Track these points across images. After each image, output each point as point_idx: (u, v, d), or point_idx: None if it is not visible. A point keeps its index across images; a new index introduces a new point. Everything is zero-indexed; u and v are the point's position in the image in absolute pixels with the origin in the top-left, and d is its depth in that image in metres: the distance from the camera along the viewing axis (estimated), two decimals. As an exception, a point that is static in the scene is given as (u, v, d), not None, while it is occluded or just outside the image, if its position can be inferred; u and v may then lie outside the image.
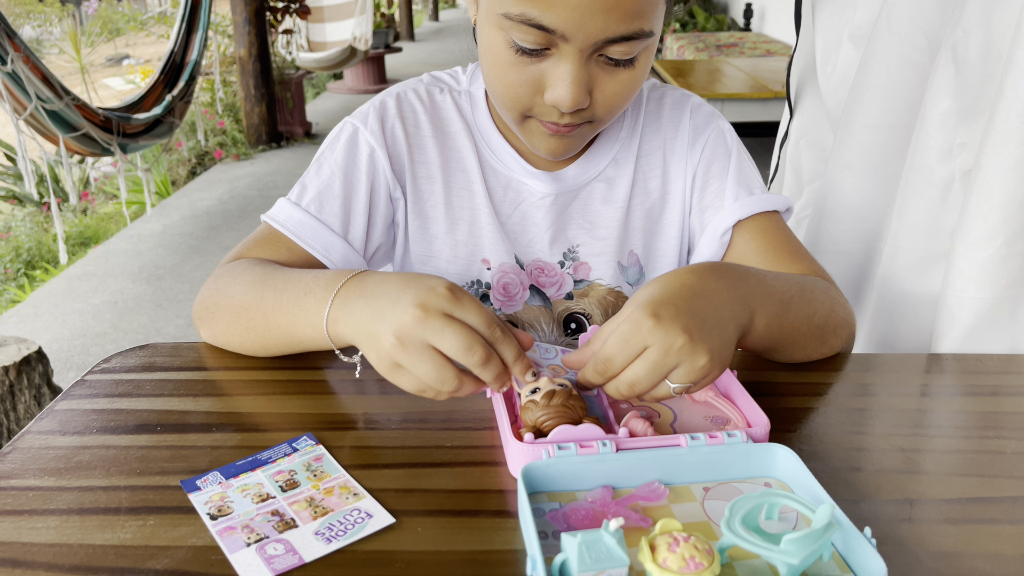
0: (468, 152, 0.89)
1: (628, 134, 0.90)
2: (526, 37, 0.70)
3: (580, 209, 0.89)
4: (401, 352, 0.60)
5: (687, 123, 0.90)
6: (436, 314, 0.60)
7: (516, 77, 0.74)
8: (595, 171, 0.89)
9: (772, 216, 0.87)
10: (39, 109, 3.02)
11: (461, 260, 0.89)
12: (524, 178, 0.88)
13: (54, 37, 10.53)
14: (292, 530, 0.55)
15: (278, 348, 0.76)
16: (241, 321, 0.76)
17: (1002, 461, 0.64)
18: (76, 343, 2.90)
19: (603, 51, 0.71)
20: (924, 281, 0.96)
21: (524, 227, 0.89)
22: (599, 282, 0.90)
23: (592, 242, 0.89)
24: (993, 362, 0.80)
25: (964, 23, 0.87)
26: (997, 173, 0.81)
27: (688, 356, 0.59)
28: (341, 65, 6.66)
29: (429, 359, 0.60)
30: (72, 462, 0.63)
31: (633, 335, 0.59)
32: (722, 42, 5.74)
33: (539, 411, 0.62)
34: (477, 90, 0.91)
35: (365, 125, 0.87)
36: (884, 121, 1.04)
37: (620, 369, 0.60)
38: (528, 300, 0.90)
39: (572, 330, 0.91)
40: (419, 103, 0.89)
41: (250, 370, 0.77)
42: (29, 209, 4.54)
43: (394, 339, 0.60)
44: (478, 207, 0.88)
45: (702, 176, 0.89)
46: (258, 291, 0.74)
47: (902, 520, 0.57)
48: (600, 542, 0.48)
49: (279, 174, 5.01)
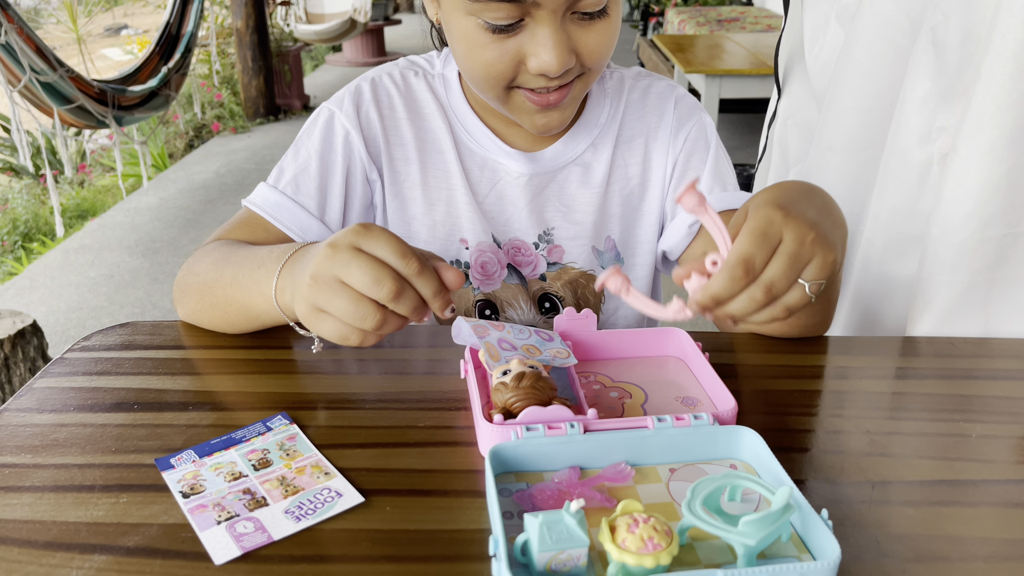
0: (443, 133, 0.89)
1: (608, 120, 0.90)
2: (498, 14, 0.71)
3: (556, 192, 0.90)
4: (316, 293, 0.60)
5: (671, 113, 0.91)
6: (344, 248, 0.59)
7: (494, 55, 0.74)
8: (572, 155, 0.89)
9: None
10: (33, 81, 3.00)
11: (439, 240, 0.90)
12: (500, 157, 0.89)
13: (51, 7, 10.44)
14: (262, 508, 0.56)
15: (240, 324, 0.77)
16: (205, 298, 0.78)
17: (966, 444, 0.65)
18: (72, 316, 2.92)
19: (575, 8, 0.72)
20: (902, 264, 0.97)
21: (501, 206, 0.90)
22: (572, 265, 0.91)
23: (568, 225, 0.90)
24: (966, 345, 0.81)
25: (944, 6, 0.87)
26: (972, 157, 0.81)
27: (820, 248, 0.58)
28: (340, 37, 6.61)
29: (343, 295, 0.59)
30: (49, 439, 0.64)
31: (769, 227, 0.57)
32: (723, 17, 5.69)
33: (509, 392, 0.62)
34: (451, 72, 0.91)
35: (341, 109, 0.88)
36: (866, 103, 1.04)
37: (761, 266, 0.57)
38: (506, 279, 0.91)
39: (546, 309, 0.93)
40: (393, 87, 0.90)
41: (228, 349, 0.78)
42: (26, 181, 4.53)
43: (309, 279, 0.60)
44: (454, 187, 0.89)
45: (682, 165, 0.90)
46: (219, 268, 0.76)
47: (862, 502, 0.58)
48: (561, 522, 0.49)
49: (276, 147, 4.99)
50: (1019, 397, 0.72)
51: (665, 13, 6.35)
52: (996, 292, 0.86)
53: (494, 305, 0.92)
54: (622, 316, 0.94)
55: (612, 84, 0.91)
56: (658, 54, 4.70)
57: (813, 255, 0.57)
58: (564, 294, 0.92)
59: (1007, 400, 0.71)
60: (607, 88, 0.91)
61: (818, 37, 1.19)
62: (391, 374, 0.74)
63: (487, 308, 0.92)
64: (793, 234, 0.57)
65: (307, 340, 0.75)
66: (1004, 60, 0.78)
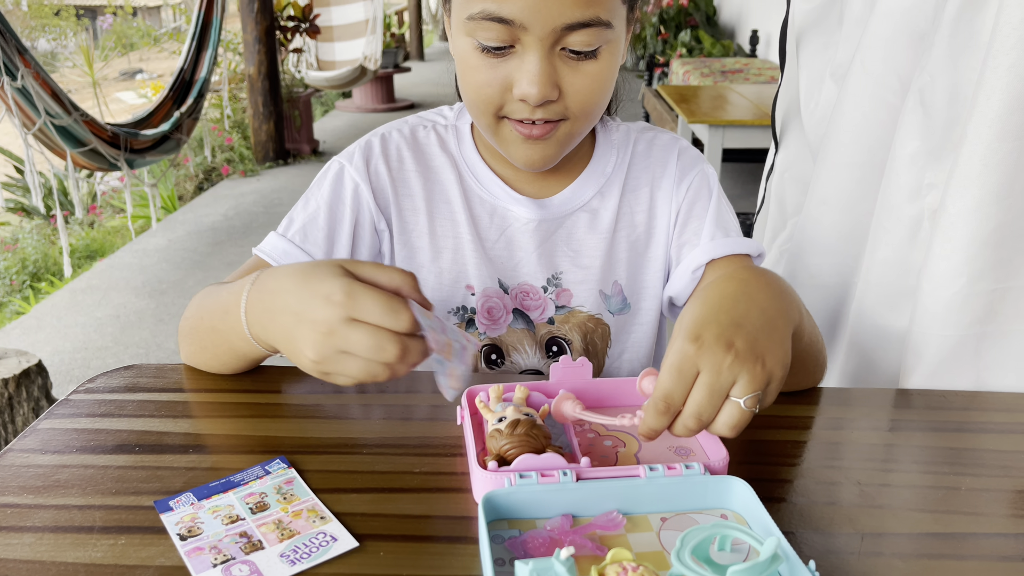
0: (452, 184, 0.92)
1: (614, 169, 0.94)
2: (488, 34, 0.75)
3: (565, 237, 0.93)
4: (324, 368, 0.64)
5: (674, 163, 0.94)
6: (339, 324, 0.61)
7: (484, 77, 0.78)
8: (580, 201, 0.92)
9: (744, 260, 0.90)
10: (48, 124, 3.07)
11: (446, 287, 0.93)
12: (509, 204, 0.92)
13: (68, 50, 10.66)
14: (258, 552, 0.57)
15: (232, 363, 0.80)
16: (196, 341, 0.81)
17: (956, 497, 0.66)
18: (77, 356, 2.93)
19: (563, 42, 0.75)
20: (894, 316, 0.98)
21: (510, 252, 0.92)
22: (580, 309, 0.93)
23: (575, 270, 0.93)
24: (958, 398, 0.82)
25: (931, 68, 0.90)
26: (960, 214, 0.83)
27: (741, 367, 0.58)
28: (350, 84, 6.73)
29: (352, 362, 0.62)
30: (51, 480, 0.65)
31: (683, 363, 0.59)
32: (727, 68, 5.78)
33: (503, 439, 0.63)
34: (463, 124, 0.95)
35: (351, 163, 0.92)
36: (858, 159, 1.06)
37: (682, 402, 0.59)
38: (512, 323, 0.93)
39: (553, 352, 0.94)
40: (403, 141, 0.94)
41: (229, 392, 0.79)
42: (36, 221, 4.59)
43: (311, 362, 0.64)
44: (461, 235, 0.92)
45: (684, 214, 0.93)
46: (200, 313, 0.80)
47: (851, 553, 0.58)
48: (551, 570, 0.49)
49: (285, 191, 5.05)
50: (1010, 451, 0.73)
51: (670, 64, 6.45)
52: (986, 346, 0.87)
53: (500, 350, 0.93)
54: (627, 360, 0.96)
55: (619, 136, 0.95)
56: (663, 104, 4.77)
57: (736, 376, 0.58)
58: (572, 337, 0.94)
59: (998, 453, 0.72)
60: (614, 140, 0.95)
61: (813, 93, 1.23)
62: (389, 419, 0.76)
63: (493, 352, 0.93)
64: (708, 365, 0.58)
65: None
66: (989, 120, 0.80)
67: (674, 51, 7.84)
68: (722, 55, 7.39)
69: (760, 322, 0.61)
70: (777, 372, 0.60)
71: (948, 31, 0.88)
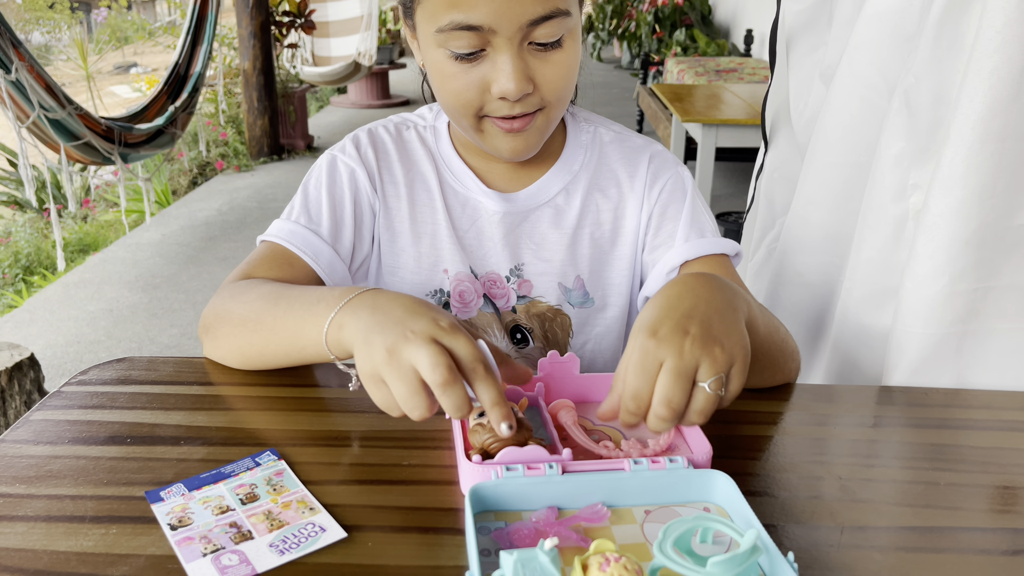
0: (430, 175, 0.97)
1: (580, 168, 0.97)
2: (460, 43, 0.79)
3: (528, 231, 0.96)
4: (387, 367, 0.63)
5: (645, 166, 0.97)
6: (425, 337, 0.62)
7: (461, 83, 0.82)
8: (545, 197, 0.96)
9: (720, 259, 0.92)
10: (42, 118, 3.06)
11: (425, 270, 0.97)
12: (480, 197, 0.96)
13: (62, 44, 10.61)
14: (248, 542, 0.58)
15: (278, 357, 0.79)
16: (248, 327, 0.79)
17: (935, 492, 0.67)
18: (70, 350, 2.93)
19: (530, 37, 0.79)
20: (879, 315, 0.99)
21: (480, 241, 0.96)
22: (540, 299, 0.97)
23: (537, 262, 0.96)
24: (939, 396, 0.83)
25: (916, 70, 0.91)
26: (943, 214, 0.85)
27: (700, 350, 0.61)
28: (345, 80, 6.73)
29: (408, 382, 0.62)
30: (43, 471, 0.65)
31: (644, 358, 0.61)
32: (722, 67, 5.80)
33: (485, 434, 0.64)
34: (441, 124, 1.00)
35: (343, 152, 0.97)
36: (845, 159, 1.07)
37: (649, 395, 0.61)
38: (482, 307, 0.98)
39: (518, 339, 0.98)
40: (387, 135, 0.99)
41: (220, 386, 0.80)
42: (29, 215, 4.58)
43: (385, 353, 0.63)
44: (439, 223, 0.96)
45: (658, 217, 0.95)
46: (272, 299, 0.79)
47: (831, 546, 0.60)
48: (535, 560, 0.50)
49: (279, 186, 5.05)
50: (989, 447, 0.74)
51: (665, 62, 6.47)
52: (968, 344, 0.89)
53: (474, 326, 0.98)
54: (589, 351, 0.98)
55: (587, 137, 0.99)
56: (657, 102, 4.78)
57: (698, 359, 0.61)
58: (532, 326, 0.97)
59: (977, 450, 0.73)
60: (582, 140, 0.98)
61: (802, 94, 1.24)
62: (378, 413, 0.76)
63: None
64: (669, 352, 0.60)
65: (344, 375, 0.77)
66: (972, 122, 0.81)
67: (669, 50, 7.85)
68: (717, 54, 7.41)
69: (709, 311, 0.65)
70: (737, 353, 0.63)
71: (933, 33, 0.89)
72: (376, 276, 0.99)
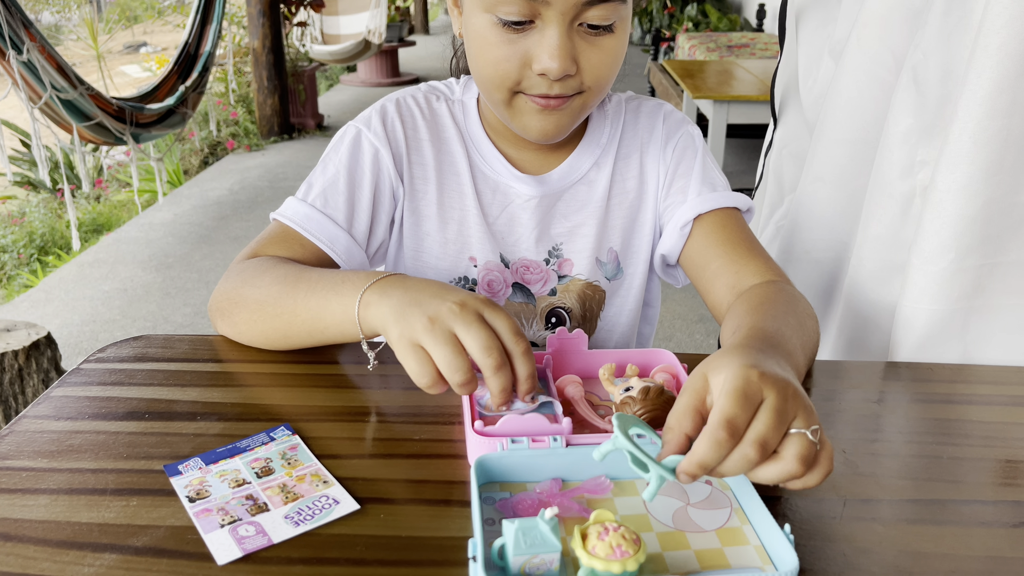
0: (460, 157, 0.94)
1: (608, 140, 0.96)
2: (510, 9, 0.76)
3: (563, 210, 0.95)
4: (428, 334, 0.64)
5: (660, 128, 0.96)
6: (471, 312, 0.65)
7: (504, 53, 0.79)
8: (578, 174, 0.94)
9: (732, 213, 0.92)
10: (54, 98, 3.07)
11: (450, 257, 0.95)
12: (511, 182, 0.93)
13: (72, 23, 10.61)
14: (264, 513, 0.60)
15: (299, 337, 0.79)
16: (267, 309, 0.80)
17: (938, 465, 0.68)
18: (85, 329, 2.97)
19: (582, 17, 0.77)
20: (886, 291, 1.00)
21: (511, 227, 0.94)
22: (579, 277, 0.96)
23: (574, 240, 0.95)
24: (944, 371, 0.84)
25: (924, 46, 0.91)
26: (950, 190, 0.85)
27: (801, 402, 0.55)
28: (354, 58, 6.70)
29: (451, 345, 0.63)
30: (64, 445, 0.67)
31: (748, 386, 0.53)
32: (734, 42, 5.75)
33: (637, 406, 0.67)
34: (469, 99, 0.96)
35: (368, 127, 0.92)
36: (853, 136, 1.07)
37: (745, 427, 0.53)
38: (511, 297, 0.96)
39: (552, 324, 0.97)
40: (417, 108, 0.95)
41: (235, 363, 0.82)
42: (43, 195, 4.61)
43: (427, 320, 0.64)
44: (467, 208, 0.94)
45: (671, 174, 0.95)
46: (291, 281, 0.79)
47: (833, 518, 0.61)
48: (536, 529, 0.52)
49: (290, 165, 5.06)
50: (993, 422, 0.75)
51: (676, 38, 6.41)
52: (974, 320, 0.89)
53: None
54: (610, 321, 0.99)
55: (611, 106, 0.97)
56: (668, 79, 4.75)
57: (797, 410, 0.54)
58: (573, 305, 0.97)
59: (982, 424, 0.74)
60: (607, 110, 0.97)
61: (812, 70, 1.23)
62: (389, 388, 0.78)
63: None
64: (774, 390, 0.54)
65: (364, 356, 0.78)
66: (979, 99, 0.81)
67: (680, 25, 7.78)
68: (728, 29, 7.34)
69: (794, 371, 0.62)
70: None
71: (941, 9, 0.89)
72: (396, 259, 0.97)
